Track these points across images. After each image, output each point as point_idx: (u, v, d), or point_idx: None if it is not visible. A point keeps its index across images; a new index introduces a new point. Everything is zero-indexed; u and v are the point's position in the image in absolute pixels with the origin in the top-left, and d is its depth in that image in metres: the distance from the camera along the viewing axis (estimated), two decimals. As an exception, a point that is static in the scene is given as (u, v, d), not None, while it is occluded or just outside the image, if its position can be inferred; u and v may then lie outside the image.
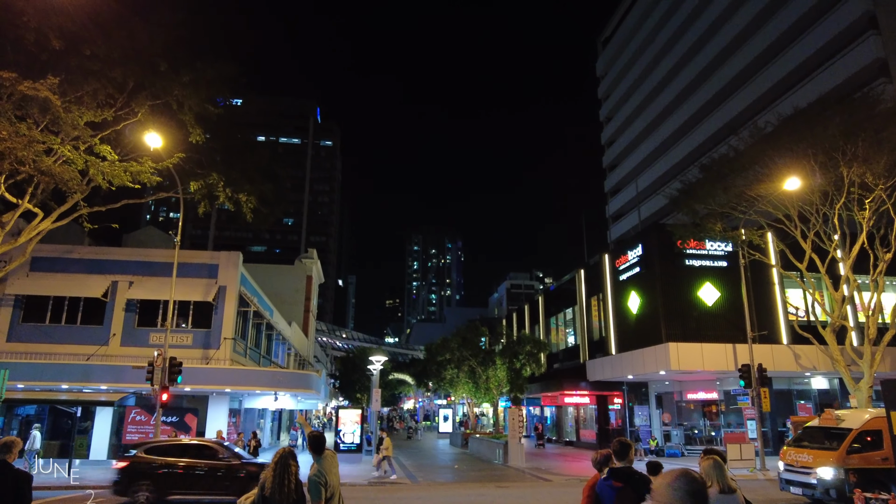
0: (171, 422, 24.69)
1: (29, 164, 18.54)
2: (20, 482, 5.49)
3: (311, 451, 6.05)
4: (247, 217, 24.18)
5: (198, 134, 21.52)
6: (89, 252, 26.73)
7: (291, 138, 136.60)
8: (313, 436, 6.11)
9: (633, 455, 5.42)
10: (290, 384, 28.07)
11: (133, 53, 19.87)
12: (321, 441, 6.09)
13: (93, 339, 25.05)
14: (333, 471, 5.93)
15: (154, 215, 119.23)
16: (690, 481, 2.58)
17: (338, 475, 6.03)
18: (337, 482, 5.94)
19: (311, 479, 5.71)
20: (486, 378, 35.07)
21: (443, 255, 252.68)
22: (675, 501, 2.54)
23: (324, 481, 5.70)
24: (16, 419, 25.42)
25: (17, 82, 17.81)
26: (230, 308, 26.21)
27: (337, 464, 6.11)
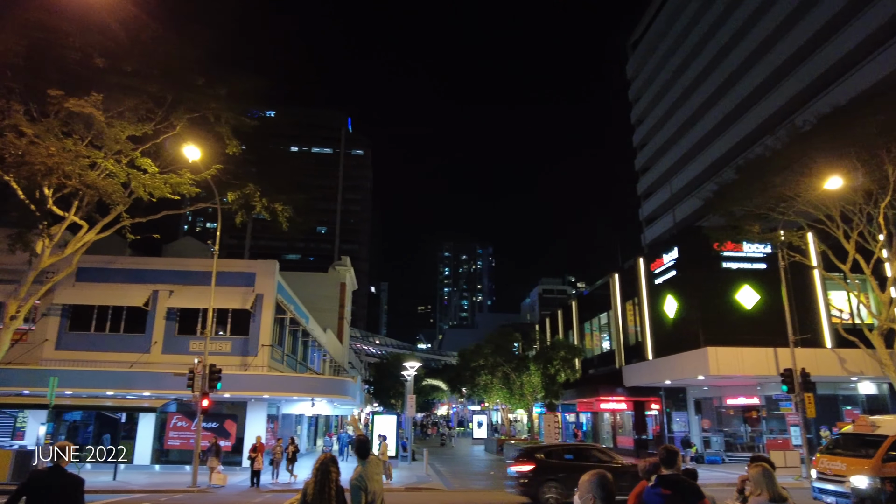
0: (211, 428, 25.23)
1: (75, 178, 19.22)
2: (74, 485, 5.70)
3: (356, 454, 6.11)
4: (283, 226, 24.57)
5: (234, 146, 22.02)
6: (131, 262, 27.51)
7: (323, 148, 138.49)
8: (359, 439, 6.17)
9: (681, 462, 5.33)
10: (326, 390, 28.38)
11: (171, 69, 20.46)
12: (366, 445, 6.14)
13: (135, 347, 25.74)
14: (376, 477, 5.98)
15: (191, 226, 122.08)
16: (602, 477, 3.42)
17: (381, 481, 6.09)
18: (379, 488, 5.98)
19: (353, 484, 5.79)
20: (520, 384, 34.90)
21: (473, 260, 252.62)
22: (587, 493, 3.37)
23: (364, 486, 5.76)
24: (63, 424, 26.25)
25: (64, 100, 18.53)
26: (267, 315, 26.65)
27: (381, 469, 6.17)
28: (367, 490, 5.76)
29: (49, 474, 5.62)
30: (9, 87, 18.96)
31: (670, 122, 67.48)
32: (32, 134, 18.48)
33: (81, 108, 18.56)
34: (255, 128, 23.45)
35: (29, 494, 5.45)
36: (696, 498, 4.81)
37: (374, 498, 5.88)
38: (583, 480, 3.44)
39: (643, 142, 75.46)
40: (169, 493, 18.38)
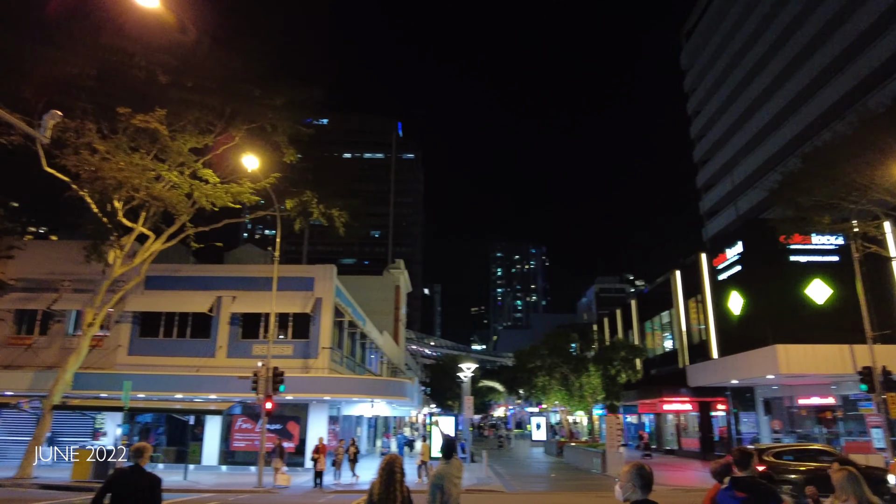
0: (274, 429, 25.87)
1: (143, 190, 20.13)
2: (153, 484, 5.92)
3: (441, 454, 6.20)
4: (339, 231, 25.03)
5: (291, 154, 22.58)
6: (195, 270, 28.55)
7: (375, 153, 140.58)
8: (445, 441, 6.28)
9: (756, 464, 5.08)
10: (384, 391, 28.67)
11: (229, 82, 21.18)
12: (451, 447, 6.22)
13: (201, 352, 26.68)
14: (455, 480, 5.98)
15: (251, 233, 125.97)
16: (640, 467, 3.70)
17: (460, 484, 6.07)
18: (457, 491, 5.97)
19: (431, 481, 5.84)
20: (579, 385, 34.32)
21: (526, 260, 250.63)
22: (628, 482, 3.66)
23: (441, 485, 5.79)
24: (136, 426, 27.46)
25: (131, 116, 19.46)
26: (327, 319, 27.15)
27: (461, 474, 6.16)
28: (443, 490, 5.78)
29: (131, 473, 5.84)
30: (83, 108, 20.03)
31: (730, 111, 65.06)
32: (104, 150, 19.47)
33: (147, 124, 19.43)
34: (310, 136, 24.00)
35: (113, 492, 5.69)
36: (773, 502, 4.57)
37: (448, 499, 5.87)
38: (623, 471, 3.75)
39: (701, 133, 73.05)
40: (236, 493, 18.93)
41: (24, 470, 20.13)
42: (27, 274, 27.15)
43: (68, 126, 19.04)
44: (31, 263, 27.15)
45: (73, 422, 26.03)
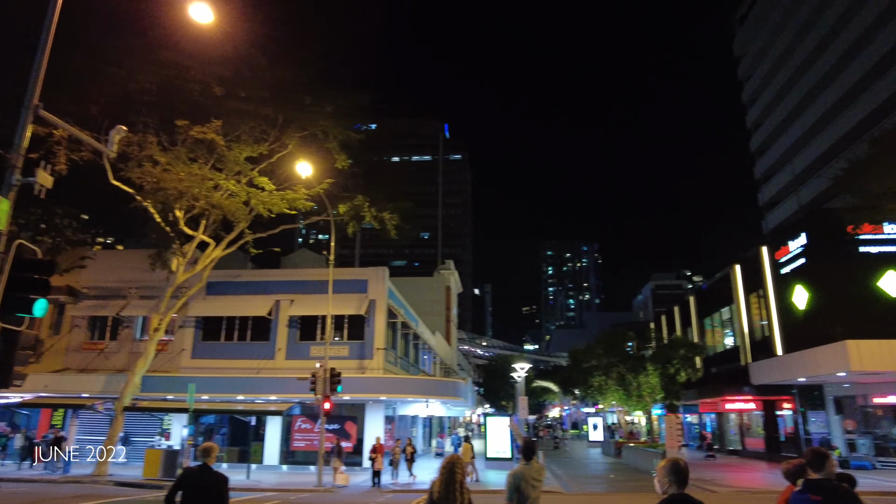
0: (332, 429, 26.36)
1: (202, 199, 20.89)
2: (220, 482, 6.14)
3: (521, 455, 6.23)
4: (391, 234, 25.35)
5: (343, 160, 23.02)
6: (253, 275, 29.41)
7: (423, 156, 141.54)
8: (525, 441, 6.31)
9: (832, 466, 4.83)
10: (439, 391, 28.80)
11: (281, 91, 21.78)
12: (530, 448, 6.25)
13: (261, 354, 27.46)
14: (535, 483, 5.95)
15: (305, 238, 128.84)
16: (675, 463, 3.91)
17: (540, 487, 6.04)
18: (536, 494, 5.96)
19: (509, 480, 5.89)
20: (637, 385, 33.57)
21: (578, 258, 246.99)
22: (664, 477, 3.88)
23: (518, 485, 5.82)
24: (200, 427, 28.46)
25: (189, 128, 20.24)
26: (380, 320, 27.52)
27: (542, 478, 6.13)
28: (520, 490, 5.79)
29: (199, 472, 6.08)
30: (145, 122, 20.95)
31: (788, 98, 62.46)
32: (165, 162, 20.30)
33: (204, 135, 20.16)
34: (360, 141, 24.41)
35: (184, 490, 5.94)
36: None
37: (526, 501, 5.85)
38: (659, 467, 3.98)
39: (757, 122, 70.42)
40: (297, 493, 19.37)
41: (101, 468, 21.19)
42: (98, 282, 28.60)
43: (131, 140, 19.94)
44: (101, 272, 28.59)
45: (142, 422, 27.22)
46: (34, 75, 9.00)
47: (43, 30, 9.14)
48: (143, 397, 24.48)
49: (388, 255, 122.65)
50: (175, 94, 21.38)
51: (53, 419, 27.23)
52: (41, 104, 9.11)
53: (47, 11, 9.23)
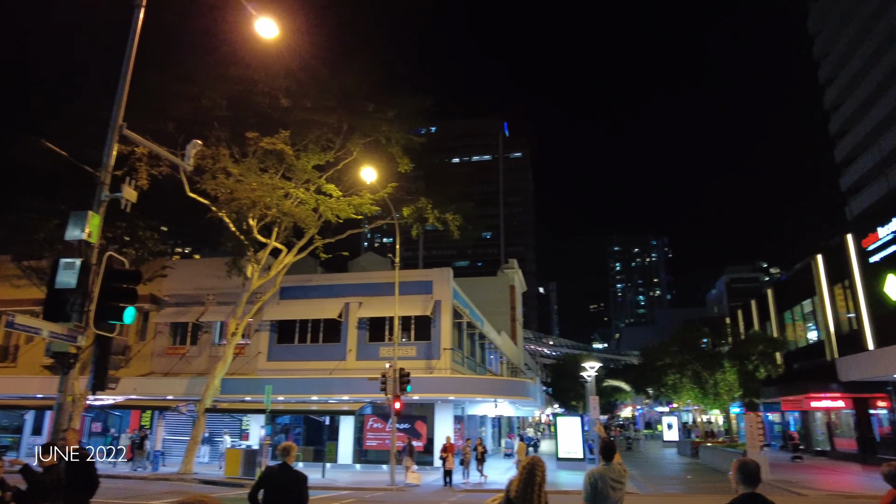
0: (403, 429, 26.75)
1: (274, 207, 21.68)
2: (300, 481, 6.36)
3: (601, 455, 6.19)
4: (454, 234, 25.52)
5: (405, 164, 23.39)
6: (323, 279, 30.24)
7: (483, 156, 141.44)
8: (604, 442, 6.27)
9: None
10: (507, 391, 28.71)
11: (344, 100, 22.33)
12: (610, 448, 6.20)
13: (332, 356, 28.18)
14: (616, 485, 5.87)
15: (370, 242, 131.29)
16: (744, 463, 4.06)
17: (619, 489, 5.96)
18: (618, 496, 5.88)
19: (588, 480, 5.84)
20: (713, 382, 32.36)
21: (647, 253, 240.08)
22: (734, 475, 4.03)
23: (596, 484, 5.76)
24: (277, 427, 29.49)
25: (259, 140, 21.05)
26: (446, 320, 27.72)
27: (623, 480, 6.04)
28: (599, 491, 5.74)
29: (280, 471, 6.31)
30: (217, 136, 21.94)
31: (870, 76, 58.49)
32: (238, 173, 21.20)
33: (273, 146, 20.91)
34: (421, 144, 24.70)
35: (265, 488, 6.19)
36: None
37: (605, 502, 5.79)
38: (732, 465, 4.14)
39: (836, 102, 66.29)
40: (371, 491, 19.76)
41: (186, 466, 22.33)
42: (178, 290, 30.16)
43: (206, 153, 20.92)
44: (181, 281, 30.14)
45: (223, 423, 28.48)
46: (118, 98, 9.59)
47: (124, 56, 9.73)
48: (223, 399, 25.61)
49: (451, 255, 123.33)
50: (245, 107, 22.33)
51: (142, 420, 28.92)
52: (125, 124, 9.70)
53: (128, 39, 9.82)
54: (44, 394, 27.04)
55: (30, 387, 27.85)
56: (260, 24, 11.14)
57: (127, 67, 9.71)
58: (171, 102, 20.97)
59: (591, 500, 5.72)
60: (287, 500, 6.21)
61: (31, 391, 27.59)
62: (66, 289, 8.03)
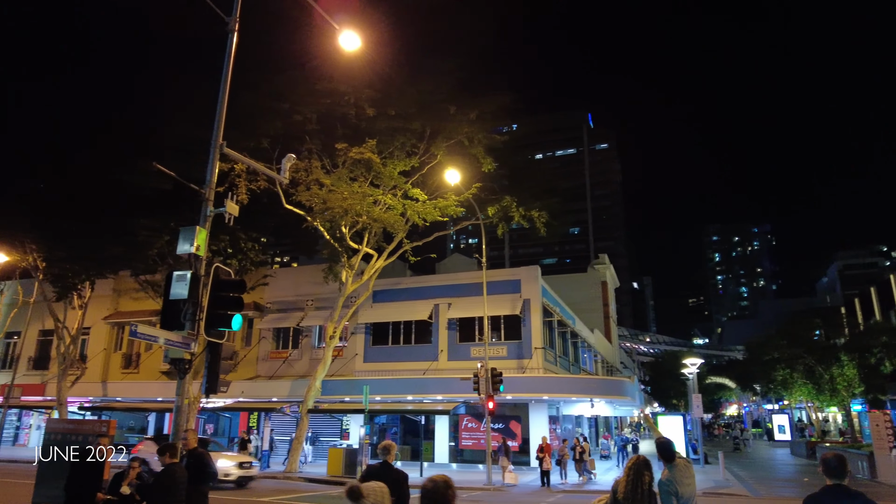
0: (498, 428, 26.76)
1: (364, 214, 22.41)
2: (401, 479, 6.51)
3: (660, 458, 5.90)
4: (540, 231, 25.29)
5: (488, 163, 23.47)
6: (412, 282, 30.85)
7: (567, 150, 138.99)
8: (661, 442, 5.96)
9: None
10: (603, 391, 28.06)
11: (426, 105, 22.71)
12: (669, 448, 5.90)
13: (425, 356, 28.67)
14: (686, 481, 5.67)
15: (456, 243, 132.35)
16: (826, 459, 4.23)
17: (693, 485, 5.75)
18: (691, 492, 5.67)
19: (662, 488, 5.60)
20: (829, 378, 30.09)
21: (748, 242, 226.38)
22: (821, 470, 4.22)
23: (674, 490, 5.51)
24: (375, 426, 30.34)
25: (348, 150, 21.86)
26: (536, 319, 27.48)
27: (692, 473, 5.83)
28: (677, 494, 5.51)
29: (380, 469, 6.50)
30: (309, 149, 22.96)
31: None
32: (329, 184, 22.08)
33: (361, 155, 21.63)
34: (503, 143, 24.66)
35: None
36: None
37: (688, 500, 5.58)
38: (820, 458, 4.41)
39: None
40: (468, 490, 19.87)
41: (291, 465, 23.45)
42: (279, 298, 31.79)
43: (299, 167, 21.91)
44: (282, 288, 31.75)
45: (324, 423, 29.67)
46: (217, 119, 10.25)
47: (221, 79, 10.39)
48: (323, 400, 26.68)
49: (538, 253, 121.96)
50: (333, 119, 23.23)
51: (250, 421, 30.67)
52: (224, 143, 10.35)
53: (223, 63, 10.48)
54: (162, 397, 29.32)
55: (150, 391, 30.31)
56: (343, 37, 11.52)
57: (224, 89, 10.35)
58: (265, 119, 22.14)
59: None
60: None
61: (152, 395, 30.01)
62: (180, 299, 8.67)
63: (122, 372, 33.71)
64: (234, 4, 10.69)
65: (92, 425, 10.94)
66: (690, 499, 5.60)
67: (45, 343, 35.96)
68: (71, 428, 10.94)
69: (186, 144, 21.10)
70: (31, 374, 34.65)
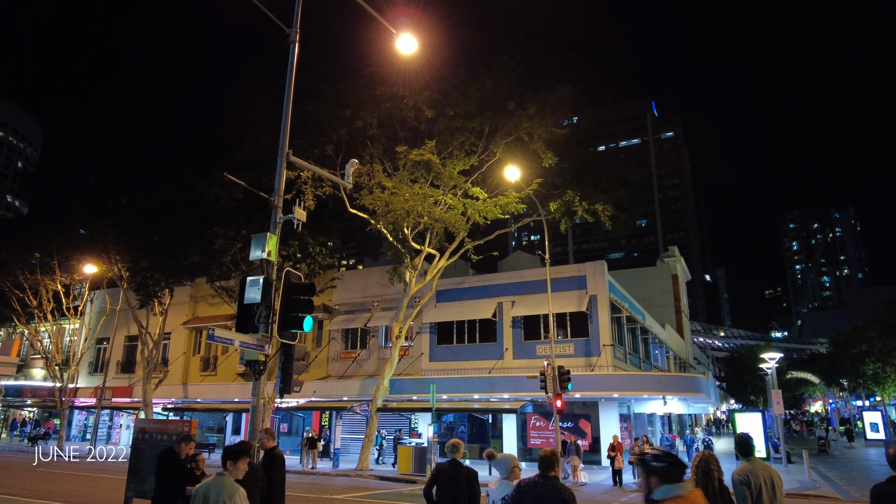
0: (567, 427, 26.42)
1: (425, 215, 22.61)
2: (471, 477, 6.57)
3: (738, 452, 5.82)
4: (605, 225, 24.79)
5: (549, 158, 23.18)
6: (475, 280, 30.86)
7: (631, 140, 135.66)
8: (740, 436, 5.90)
9: None
10: (676, 388, 27.20)
11: (485, 102, 22.68)
12: (747, 442, 5.81)
13: (490, 355, 28.63)
14: (763, 473, 5.49)
15: (518, 241, 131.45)
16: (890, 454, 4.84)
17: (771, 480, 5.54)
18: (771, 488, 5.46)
19: (736, 479, 5.46)
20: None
21: (829, 228, 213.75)
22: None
23: (747, 480, 5.37)
24: (442, 425, 30.55)
25: (408, 153, 22.14)
26: (603, 315, 26.93)
27: (770, 469, 5.64)
28: (750, 485, 5.34)
29: (450, 467, 6.57)
30: (371, 153, 23.40)
31: None
32: (391, 186, 22.41)
33: (421, 157, 21.84)
34: (564, 136, 24.29)
35: (438, 484, 6.49)
36: None
37: (762, 497, 5.39)
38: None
39: None
40: (540, 489, 19.70)
41: (363, 463, 23.95)
42: (346, 299, 32.53)
43: (361, 171, 22.35)
44: (349, 290, 32.48)
45: (393, 422, 30.13)
46: (282, 129, 10.60)
47: (285, 91, 10.73)
48: (392, 399, 27.09)
49: (604, 248, 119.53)
50: (393, 123, 23.59)
51: (322, 420, 31.53)
52: (290, 151, 10.69)
53: (287, 74, 10.82)
54: (239, 398, 30.59)
55: (227, 392, 31.67)
56: (401, 41, 11.67)
57: (288, 99, 10.69)
58: (330, 127, 22.71)
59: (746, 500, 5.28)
60: (460, 495, 6.43)
61: (229, 396, 31.35)
62: (253, 303, 9.02)
63: (200, 374, 35.39)
64: (295, 17, 11.01)
65: (175, 425, 11.57)
66: (772, 493, 5.37)
67: (130, 348, 38.23)
68: (157, 427, 11.59)
69: (260, 155, 21.96)
70: (119, 377, 36.91)
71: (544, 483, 4.81)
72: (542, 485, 4.80)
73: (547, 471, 4.90)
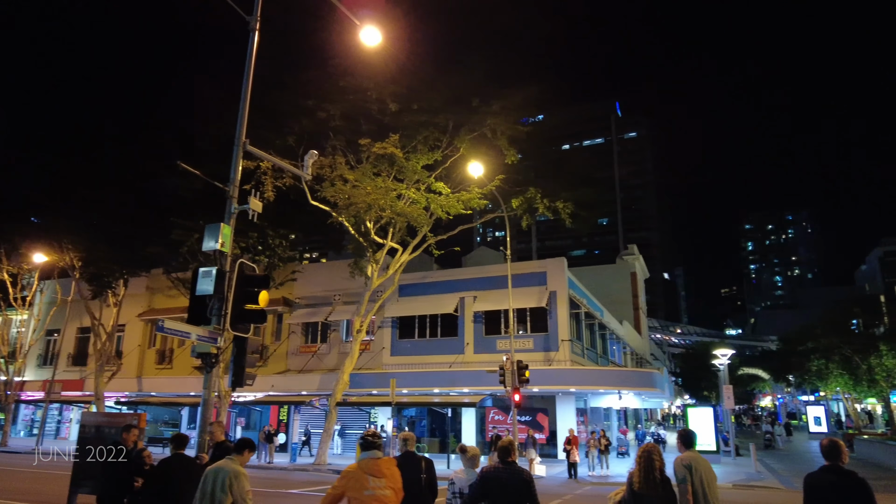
0: (525, 420, 26.76)
1: (388, 209, 22.54)
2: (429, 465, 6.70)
3: (682, 444, 6.15)
4: (566, 222, 25.12)
5: (512, 155, 23.36)
6: (439, 275, 30.94)
7: (595, 139, 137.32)
8: (685, 431, 6.23)
9: None
10: (632, 383, 27.82)
11: (450, 98, 22.71)
12: (689, 436, 6.13)
13: (451, 349, 28.75)
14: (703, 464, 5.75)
15: (483, 236, 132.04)
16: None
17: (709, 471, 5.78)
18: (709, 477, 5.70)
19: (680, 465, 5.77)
20: (867, 368, 29.34)
21: (783, 230, 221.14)
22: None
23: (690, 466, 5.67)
24: (403, 419, 30.62)
25: (371, 146, 22.00)
26: (563, 311, 27.33)
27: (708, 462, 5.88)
28: (692, 470, 5.63)
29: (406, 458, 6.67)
30: (333, 145, 23.19)
31: None
32: (353, 179, 22.26)
33: (384, 150, 21.74)
34: (528, 134, 24.52)
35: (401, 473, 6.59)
36: None
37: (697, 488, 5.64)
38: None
39: None
40: (497, 482, 19.93)
41: (321, 457, 23.82)
42: (308, 293, 32.20)
43: (323, 163, 22.13)
44: (311, 284, 32.15)
45: (352, 416, 30.02)
46: (240, 117, 10.43)
47: (244, 78, 10.56)
48: (352, 393, 26.99)
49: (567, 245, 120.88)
50: (357, 115, 23.39)
51: (280, 415, 31.20)
52: (248, 141, 10.53)
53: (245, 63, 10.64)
54: (195, 392, 30.00)
55: (184, 386, 31.03)
56: (364, 32, 11.59)
57: (246, 88, 10.52)
58: (291, 117, 22.39)
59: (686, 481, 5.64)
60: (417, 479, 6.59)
61: (186, 390, 30.74)
62: (206, 295, 8.87)
63: (156, 367, 34.60)
64: (255, 4, 10.84)
65: (125, 418, 11.30)
66: (706, 489, 5.59)
67: (83, 340, 37.09)
68: (105, 421, 11.31)
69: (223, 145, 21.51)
70: (70, 370, 35.80)
71: (505, 468, 5.49)
72: (502, 469, 5.49)
73: (506, 457, 5.55)
